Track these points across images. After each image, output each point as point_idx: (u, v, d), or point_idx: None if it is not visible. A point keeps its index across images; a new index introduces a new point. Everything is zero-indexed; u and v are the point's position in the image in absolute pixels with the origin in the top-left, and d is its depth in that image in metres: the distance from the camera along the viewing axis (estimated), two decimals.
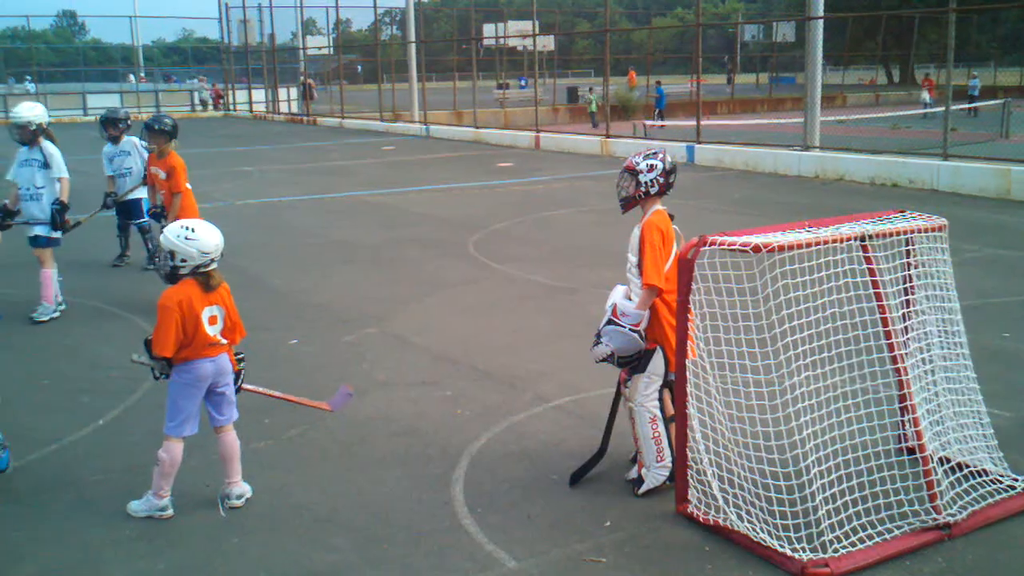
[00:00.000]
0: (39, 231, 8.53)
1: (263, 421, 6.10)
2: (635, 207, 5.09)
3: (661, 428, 4.90)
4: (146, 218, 10.47)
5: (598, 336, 4.92)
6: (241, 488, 4.95)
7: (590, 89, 33.95)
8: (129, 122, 11.01)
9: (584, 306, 8.72)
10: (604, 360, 4.94)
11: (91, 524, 4.75)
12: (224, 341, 4.79)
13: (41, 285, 8.62)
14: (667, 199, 5.08)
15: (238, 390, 4.99)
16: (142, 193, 10.53)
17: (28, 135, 8.44)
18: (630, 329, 4.80)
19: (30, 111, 8.52)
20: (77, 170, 10.73)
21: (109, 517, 4.81)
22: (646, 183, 4.98)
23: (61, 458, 5.60)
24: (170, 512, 4.78)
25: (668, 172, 5.00)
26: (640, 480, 4.98)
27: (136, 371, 6.40)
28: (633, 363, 4.91)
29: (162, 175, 8.90)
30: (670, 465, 4.89)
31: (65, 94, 45.86)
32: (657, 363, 4.88)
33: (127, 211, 10.90)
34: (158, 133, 9.04)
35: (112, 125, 10.79)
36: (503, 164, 22.36)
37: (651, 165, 4.98)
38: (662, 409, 4.94)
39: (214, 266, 4.78)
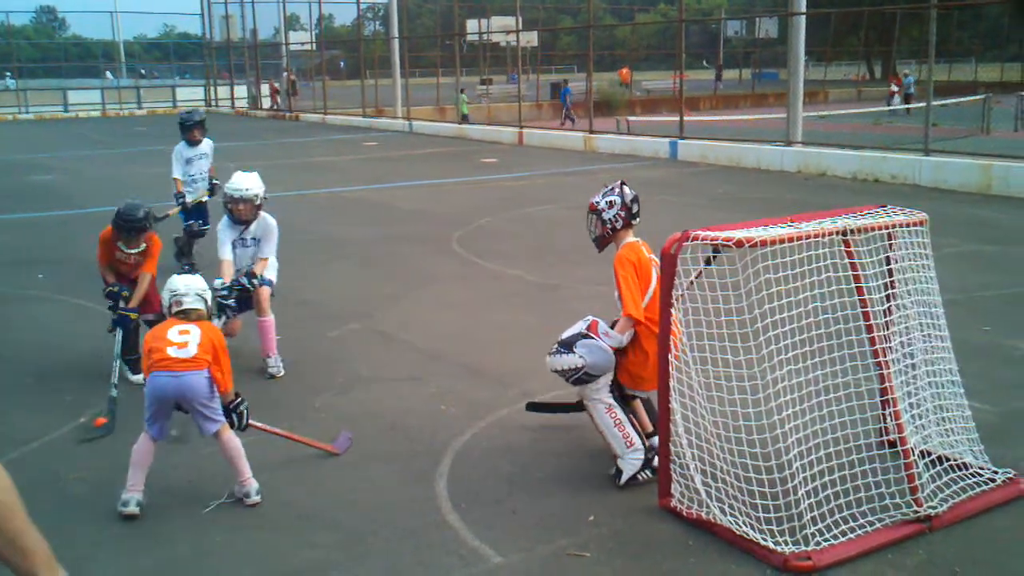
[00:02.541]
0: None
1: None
2: (609, 244, 5.22)
3: (620, 414, 4.98)
4: (208, 225, 10.15)
5: (564, 347, 4.97)
6: (252, 485, 4.96)
7: (461, 90, 34.14)
8: (205, 125, 10.71)
9: (568, 302, 8.73)
10: (563, 372, 4.98)
11: (78, 521, 4.74)
12: (187, 356, 4.83)
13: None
14: (651, 197, 5.11)
15: (244, 427, 5.14)
16: (207, 199, 10.42)
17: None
18: (587, 363, 4.91)
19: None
20: (64, 168, 10.70)
21: (95, 515, 4.79)
22: (610, 220, 5.13)
23: (43, 456, 5.57)
24: (131, 509, 4.73)
25: (629, 204, 5.13)
26: (619, 471, 5.01)
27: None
28: (584, 382, 4.98)
29: None
30: (641, 448, 4.95)
31: (46, 90, 45.51)
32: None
33: (196, 216, 10.52)
34: None
35: (193, 127, 10.44)
36: (487, 160, 22.35)
37: (610, 202, 5.14)
38: (619, 401, 5.02)
39: (188, 304, 5.06)
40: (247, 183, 7.10)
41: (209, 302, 5.24)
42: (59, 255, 11.32)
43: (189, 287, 5.13)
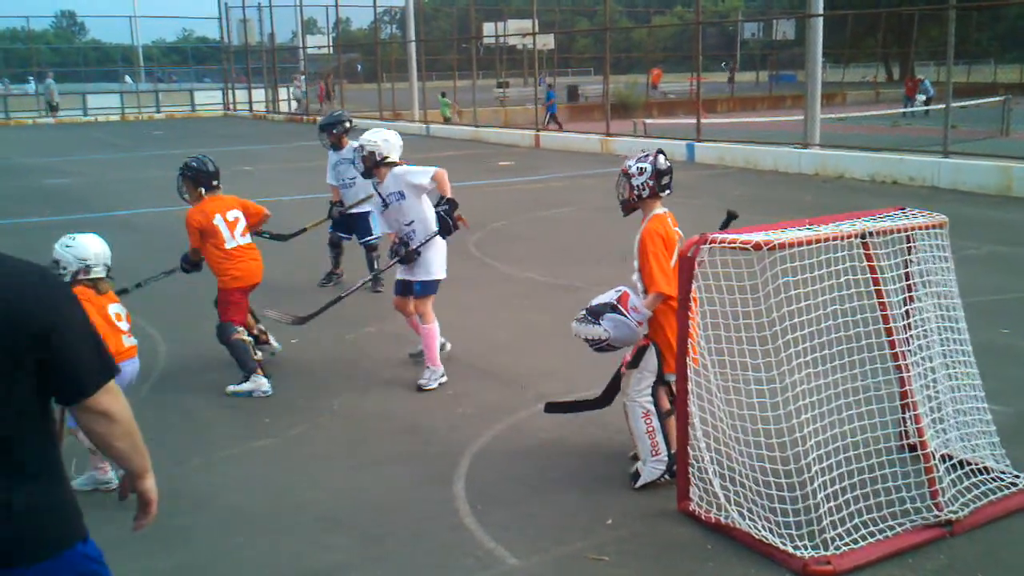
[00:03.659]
0: None
1: (264, 420, 6.11)
2: (635, 210, 5.10)
3: (655, 423, 4.91)
4: (375, 235, 9.48)
5: (593, 317, 4.90)
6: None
7: (442, 94, 34.28)
8: (348, 125, 9.84)
9: (584, 303, 8.69)
10: (586, 340, 4.94)
11: (100, 521, 4.75)
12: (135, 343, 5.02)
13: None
14: (667, 200, 5.09)
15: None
16: (369, 207, 9.20)
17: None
18: (610, 336, 4.86)
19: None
20: (80, 172, 10.72)
21: (115, 515, 4.81)
22: (638, 186, 5.01)
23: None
24: (113, 485, 4.91)
25: (659, 174, 5.00)
26: (637, 474, 5.00)
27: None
28: (605, 350, 4.96)
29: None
30: (666, 459, 4.91)
31: (66, 95, 45.82)
32: (650, 360, 4.92)
33: (349, 226, 9.76)
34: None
35: (329, 130, 9.74)
36: (503, 163, 22.36)
37: (641, 168, 5.01)
38: (657, 405, 4.94)
39: (98, 273, 4.98)
40: (373, 136, 6.87)
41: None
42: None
43: (99, 256, 4.97)
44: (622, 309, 4.86)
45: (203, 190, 6.73)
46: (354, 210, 9.57)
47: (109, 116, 43.84)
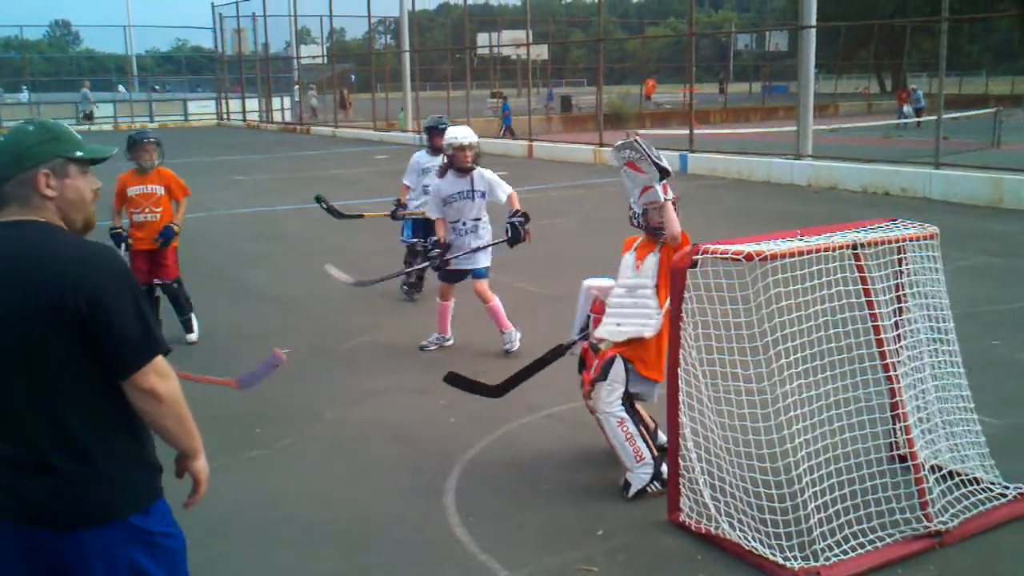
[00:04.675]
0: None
1: (255, 431, 6.09)
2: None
3: (632, 428, 4.97)
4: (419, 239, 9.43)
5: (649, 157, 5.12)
6: None
7: (402, 108, 34.72)
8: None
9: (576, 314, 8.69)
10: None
11: None
12: None
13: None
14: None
15: None
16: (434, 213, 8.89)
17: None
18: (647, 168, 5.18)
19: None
20: None
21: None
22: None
23: None
24: None
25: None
26: (628, 484, 5.01)
27: None
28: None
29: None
30: (651, 462, 4.95)
31: (59, 103, 45.82)
32: (618, 371, 5.00)
33: (427, 229, 9.23)
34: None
35: (439, 132, 9.30)
36: (497, 173, 22.35)
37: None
38: (632, 415, 5.02)
39: None
40: (463, 131, 7.89)
41: None
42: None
43: None
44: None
45: None
46: (418, 215, 9.36)
47: (102, 126, 43.81)
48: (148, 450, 2.69)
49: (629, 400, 5.06)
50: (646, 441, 4.99)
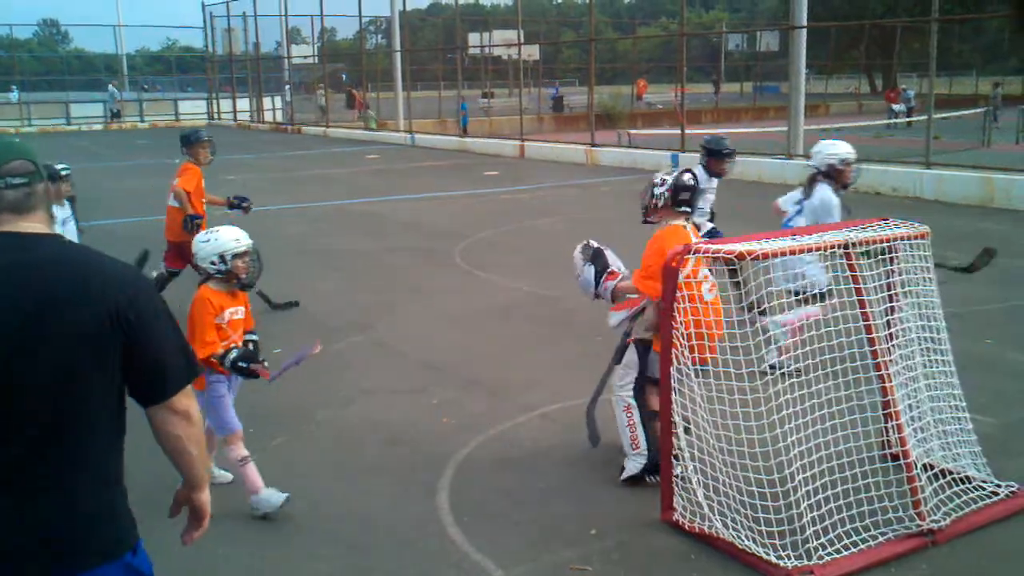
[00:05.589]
0: None
1: (248, 431, 6.06)
2: (652, 218, 5.29)
3: (635, 417, 5.08)
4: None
5: (590, 259, 5.46)
6: None
7: (367, 107, 35.08)
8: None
9: (569, 313, 8.73)
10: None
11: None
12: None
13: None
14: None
15: None
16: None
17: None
18: (580, 278, 5.44)
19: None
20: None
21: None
22: (656, 195, 5.22)
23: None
24: None
25: (677, 188, 5.14)
26: (622, 468, 5.14)
27: None
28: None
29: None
30: (646, 453, 5.04)
31: (48, 103, 45.69)
32: (631, 356, 5.12)
33: None
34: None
35: (724, 157, 9.16)
36: (489, 173, 22.38)
37: (663, 180, 5.22)
38: (640, 403, 5.09)
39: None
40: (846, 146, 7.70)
41: None
42: None
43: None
44: (603, 276, 5.28)
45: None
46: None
47: (92, 125, 43.67)
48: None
49: (651, 383, 5.10)
50: (647, 434, 5.05)
